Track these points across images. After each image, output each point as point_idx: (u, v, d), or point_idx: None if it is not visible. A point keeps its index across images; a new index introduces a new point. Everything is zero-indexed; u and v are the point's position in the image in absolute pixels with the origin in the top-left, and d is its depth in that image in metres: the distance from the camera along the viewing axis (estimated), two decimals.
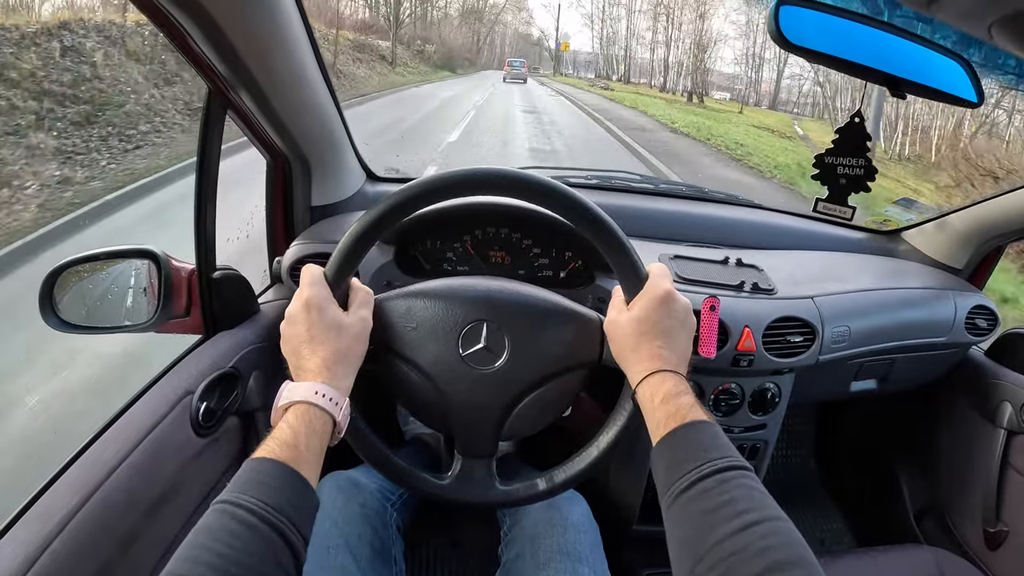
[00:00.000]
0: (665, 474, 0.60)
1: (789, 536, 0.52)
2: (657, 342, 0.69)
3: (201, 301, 0.95)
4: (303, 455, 0.59)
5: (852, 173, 0.87)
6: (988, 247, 1.36)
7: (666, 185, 1.57)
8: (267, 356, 1.00)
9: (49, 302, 0.85)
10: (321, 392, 0.64)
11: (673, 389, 0.65)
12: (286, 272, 1.04)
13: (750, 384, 1.12)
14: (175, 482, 0.81)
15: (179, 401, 0.84)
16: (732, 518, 0.52)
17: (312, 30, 0.91)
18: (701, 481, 0.56)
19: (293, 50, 0.88)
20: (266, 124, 0.97)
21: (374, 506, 0.93)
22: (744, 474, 0.57)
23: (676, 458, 0.60)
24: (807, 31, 0.74)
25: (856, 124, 0.85)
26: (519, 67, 29.62)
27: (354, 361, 0.70)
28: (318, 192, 1.16)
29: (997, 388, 1.30)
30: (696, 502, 0.56)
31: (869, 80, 0.78)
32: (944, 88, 0.80)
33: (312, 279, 0.71)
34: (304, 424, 0.62)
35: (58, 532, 0.65)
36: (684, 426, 0.62)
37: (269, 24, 0.81)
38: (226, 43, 0.77)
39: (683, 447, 0.61)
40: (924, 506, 1.47)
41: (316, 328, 0.68)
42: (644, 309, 0.70)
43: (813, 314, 1.11)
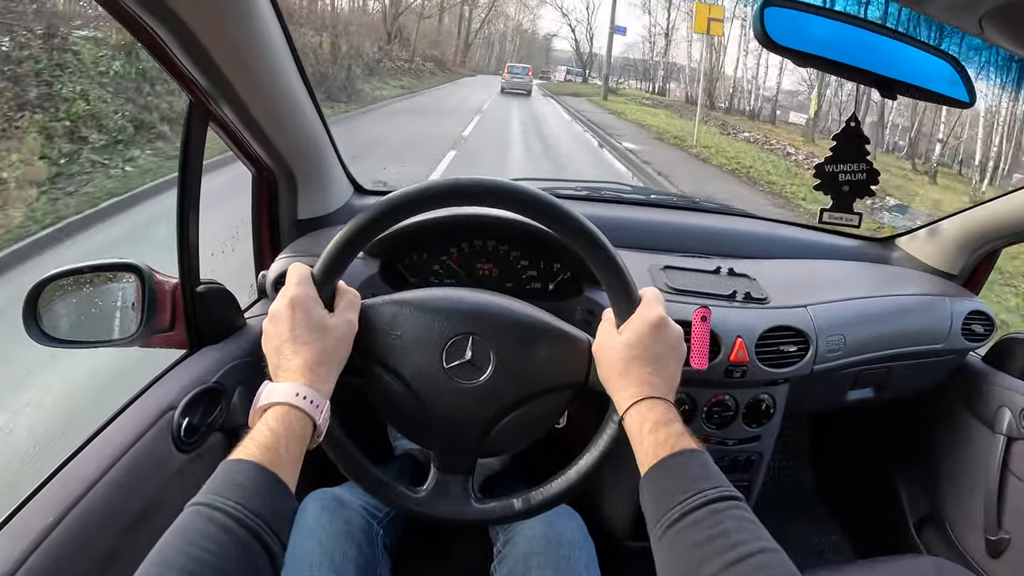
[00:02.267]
0: (655, 505, 0.59)
1: (783, 568, 0.51)
2: (647, 368, 0.67)
3: (185, 315, 0.93)
4: (282, 458, 0.58)
5: (855, 179, 0.86)
6: (983, 252, 1.35)
7: (657, 196, 1.57)
8: (253, 371, 0.98)
9: (33, 315, 0.84)
10: (302, 394, 0.62)
11: (662, 417, 0.64)
12: (271, 286, 1.03)
13: (744, 395, 1.10)
14: (156, 499, 0.79)
15: (160, 416, 0.83)
16: (725, 551, 0.52)
17: (292, 40, 0.90)
18: (692, 512, 0.56)
19: (273, 60, 0.87)
20: (249, 136, 0.96)
21: (359, 523, 0.91)
22: (736, 504, 0.56)
23: (666, 488, 0.59)
24: (793, 32, 0.73)
25: (852, 129, 0.84)
26: (521, 74, 23.24)
27: (337, 364, 0.69)
28: (304, 205, 1.14)
29: (995, 394, 1.29)
30: (687, 534, 0.55)
31: (859, 81, 0.77)
32: (936, 88, 0.79)
33: (299, 278, 0.69)
34: (284, 426, 0.60)
35: (34, 548, 0.64)
36: (673, 455, 0.61)
37: (246, 33, 0.80)
38: (204, 54, 0.76)
39: (673, 477, 0.60)
40: (924, 515, 1.45)
41: (300, 328, 0.66)
42: (635, 334, 0.69)
43: (807, 323, 1.10)
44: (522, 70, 23.73)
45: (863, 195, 0.87)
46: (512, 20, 35.26)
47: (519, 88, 22.57)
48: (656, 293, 0.73)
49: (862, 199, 0.87)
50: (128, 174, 5.14)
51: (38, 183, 4.20)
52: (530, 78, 23.50)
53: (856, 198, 0.87)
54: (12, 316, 0.85)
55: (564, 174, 9.10)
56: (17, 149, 4.28)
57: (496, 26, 34.81)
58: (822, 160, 0.87)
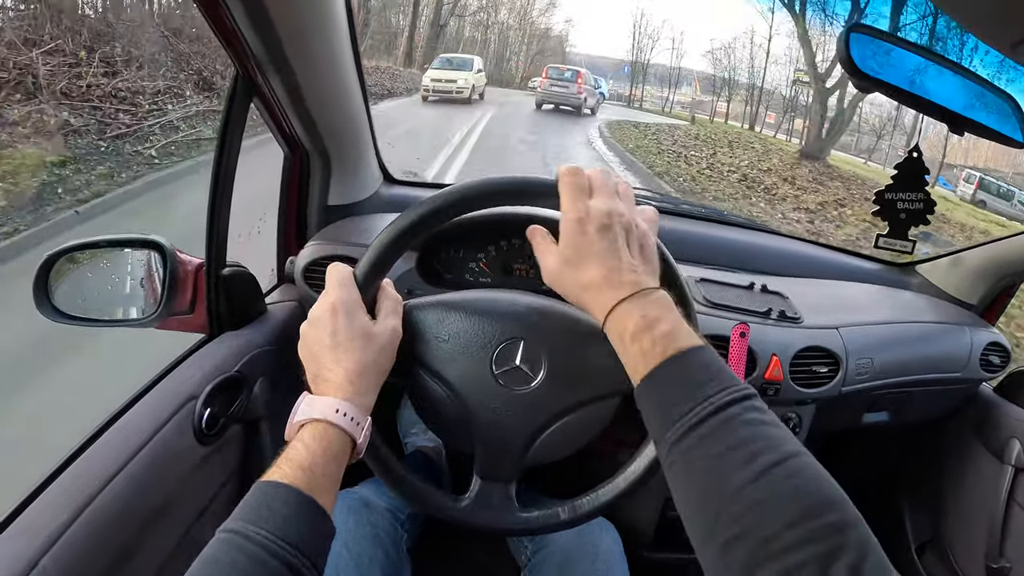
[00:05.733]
0: (656, 424, 0.53)
1: (816, 473, 0.46)
2: (598, 272, 0.57)
3: (208, 298, 0.89)
4: (319, 480, 0.54)
5: (912, 207, 0.86)
6: (1003, 284, 1.36)
7: (687, 206, 1.55)
8: (274, 360, 0.95)
9: (44, 290, 0.80)
10: (342, 410, 0.58)
11: (640, 321, 0.54)
12: (300, 273, 0.99)
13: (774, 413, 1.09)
14: (176, 494, 0.76)
15: (183, 406, 0.79)
16: (747, 462, 0.46)
17: (355, 20, 0.86)
18: (700, 426, 0.49)
19: (333, 37, 0.84)
20: (291, 113, 0.93)
21: (385, 527, 0.89)
22: (748, 406, 0.49)
23: (664, 402, 0.52)
24: (876, 60, 0.73)
25: (914, 159, 0.84)
26: (567, 81, 15.44)
27: (379, 374, 0.64)
28: (336, 190, 1.11)
29: (1006, 424, 1.29)
30: (698, 451, 0.49)
31: (931, 116, 0.77)
32: (995, 126, 0.80)
33: (341, 280, 0.64)
34: (321, 446, 0.56)
35: (47, 548, 0.60)
36: (664, 363, 0.52)
37: (315, 7, 0.77)
38: (268, 22, 0.72)
39: (668, 389, 0.52)
40: (926, 539, 1.46)
41: (342, 335, 0.61)
42: (564, 244, 0.60)
43: (838, 345, 1.10)
44: (569, 75, 15.65)
45: (919, 223, 0.88)
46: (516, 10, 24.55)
47: (563, 101, 15.45)
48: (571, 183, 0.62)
49: (917, 227, 0.87)
50: None
51: None
52: (579, 88, 15.26)
53: (912, 226, 0.87)
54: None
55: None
56: None
57: (493, 15, 23.86)
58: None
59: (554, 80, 15.63)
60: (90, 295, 0.87)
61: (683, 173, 11.01)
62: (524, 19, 24.65)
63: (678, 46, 24.26)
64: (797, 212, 9.71)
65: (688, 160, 12.10)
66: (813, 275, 1.39)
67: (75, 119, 4.93)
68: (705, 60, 23.87)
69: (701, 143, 14.01)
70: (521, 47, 24.40)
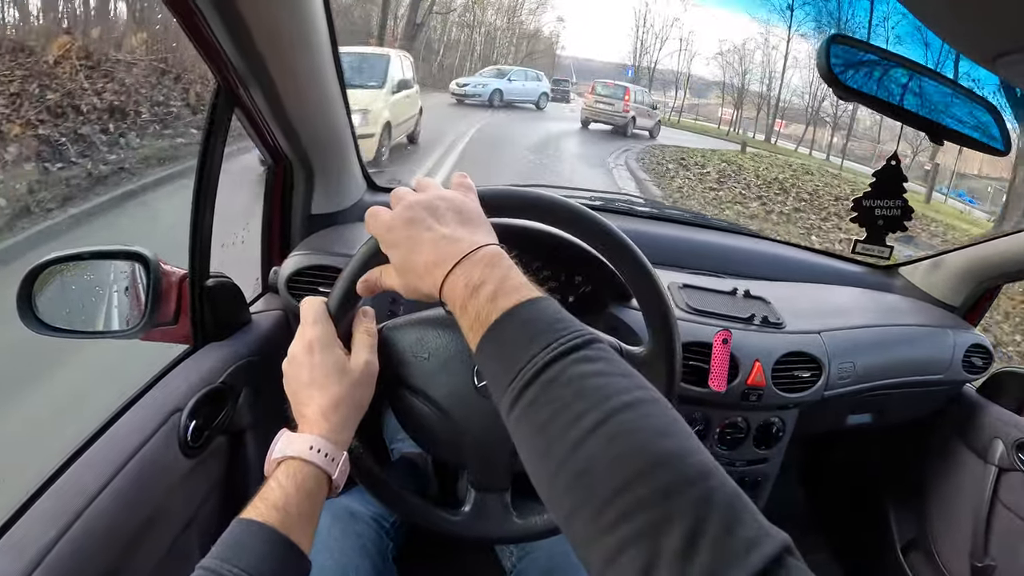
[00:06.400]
0: (495, 393, 0.49)
1: (647, 428, 0.41)
2: (423, 260, 0.55)
3: (192, 309, 0.89)
4: (293, 518, 0.55)
5: (890, 214, 0.87)
6: (985, 286, 1.38)
7: (670, 210, 1.56)
8: (258, 371, 0.95)
9: (28, 302, 0.80)
10: (317, 447, 0.59)
11: (464, 290, 0.51)
12: (283, 283, 0.99)
13: (756, 418, 1.10)
14: (162, 507, 0.76)
15: (168, 418, 0.79)
16: (568, 428, 0.42)
17: (335, 30, 0.87)
18: (524, 393, 0.45)
19: (313, 48, 0.85)
20: (273, 124, 0.93)
21: (371, 537, 0.89)
22: (575, 358, 0.45)
23: (492, 375, 0.49)
24: (855, 70, 0.74)
25: (893, 167, 0.85)
26: (614, 97, 13.93)
27: (356, 409, 0.64)
28: (319, 199, 1.11)
29: (989, 425, 1.31)
30: (525, 422, 0.45)
31: (910, 124, 0.78)
32: (978, 136, 0.81)
33: (315, 316, 0.65)
34: (295, 484, 0.57)
35: (35, 566, 0.59)
36: (488, 332, 0.49)
37: (294, 18, 0.77)
38: (246, 35, 0.73)
39: (495, 357, 0.49)
40: (911, 539, 1.47)
41: (317, 371, 0.63)
42: (390, 255, 0.59)
43: (821, 349, 1.11)
44: (616, 92, 13.97)
45: (896, 230, 0.89)
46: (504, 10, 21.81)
47: (609, 119, 13.74)
48: (368, 212, 0.61)
49: (894, 233, 0.88)
50: None
51: None
52: (625, 105, 13.57)
53: (889, 232, 0.88)
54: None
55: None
56: None
57: (479, 14, 20.95)
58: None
59: (600, 96, 14.08)
60: (74, 307, 0.87)
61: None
62: (512, 19, 22.07)
63: (688, 47, 21.51)
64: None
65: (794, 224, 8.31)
66: (797, 279, 1.40)
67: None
68: (714, 64, 21.23)
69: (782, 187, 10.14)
70: (509, 48, 21.84)
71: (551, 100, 18.14)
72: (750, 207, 8.83)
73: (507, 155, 9.79)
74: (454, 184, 0.63)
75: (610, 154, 11.30)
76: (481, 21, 21.36)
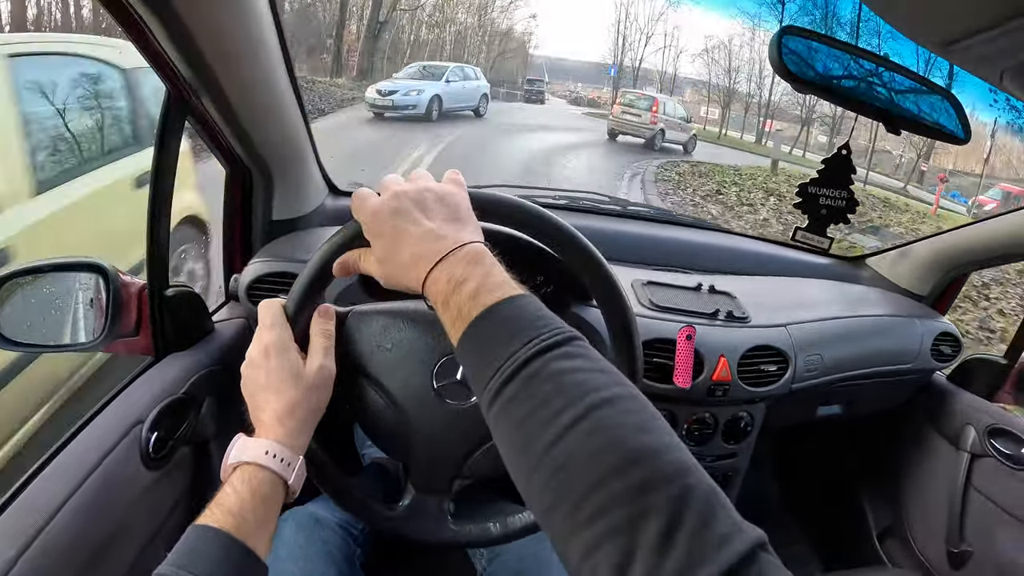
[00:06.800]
0: (475, 389, 0.50)
1: (624, 424, 0.42)
2: (408, 252, 0.56)
3: (152, 320, 0.89)
4: (248, 524, 0.55)
5: (834, 204, 0.87)
6: (952, 275, 1.39)
7: (634, 207, 1.56)
8: (222, 380, 0.94)
9: None
10: (272, 452, 0.59)
11: (446, 286, 0.52)
12: (244, 291, 0.99)
13: (724, 413, 1.11)
14: (124, 522, 0.75)
15: (128, 431, 0.78)
16: (547, 423, 0.42)
17: (285, 35, 0.87)
18: (504, 389, 0.46)
19: (263, 55, 0.84)
20: (228, 132, 0.92)
21: (337, 543, 0.88)
22: (555, 355, 0.46)
23: (473, 371, 0.50)
24: (808, 62, 0.74)
25: (843, 156, 0.85)
26: (644, 107, 13.07)
27: (312, 413, 0.65)
28: (279, 205, 1.10)
29: (960, 412, 1.32)
30: (505, 417, 0.46)
31: (864, 114, 0.78)
32: (934, 123, 0.81)
33: (272, 319, 0.66)
34: (249, 489, 0.57)
35: None
36: (469, 327, 0.50)
37: (240, 26, 0.76)
38: (192, 44, 0.72)
39: (476, 352, 0.49)
40: (887, 527, 1.48)
41: (273, 376, 0.63)
42: (374, 243, 0.59)
43: (787, 343, 1.11)
44: (643, 103, 13.17)
45: (839, 221, 0.89)
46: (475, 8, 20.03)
47: (635, 132, 12.83)
48: (356, 194, 0.61)
49: (837, 225, 0.88)
50: None
51: None
52: (653, 117, 12.68)
53: (831, 223, 0.88)
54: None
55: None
56: None
57: (448, 13, 19.33)
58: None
59: (625, 107, 13.28)
60: (35, 321, 0.86)
61: None
62: (484, 17, 20.47)
63: (674, 42, 20.78)
64: None
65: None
66: (764, 272, 1.41)
67: None
68: (699, 61, 20.15)
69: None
70: (481, 47, 20.32)
71: (527, 101, 17.58)
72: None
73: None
74: (446, 179, 0.63)
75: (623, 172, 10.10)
76: (451, 19, 19.98)
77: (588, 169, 10.30)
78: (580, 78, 21.35)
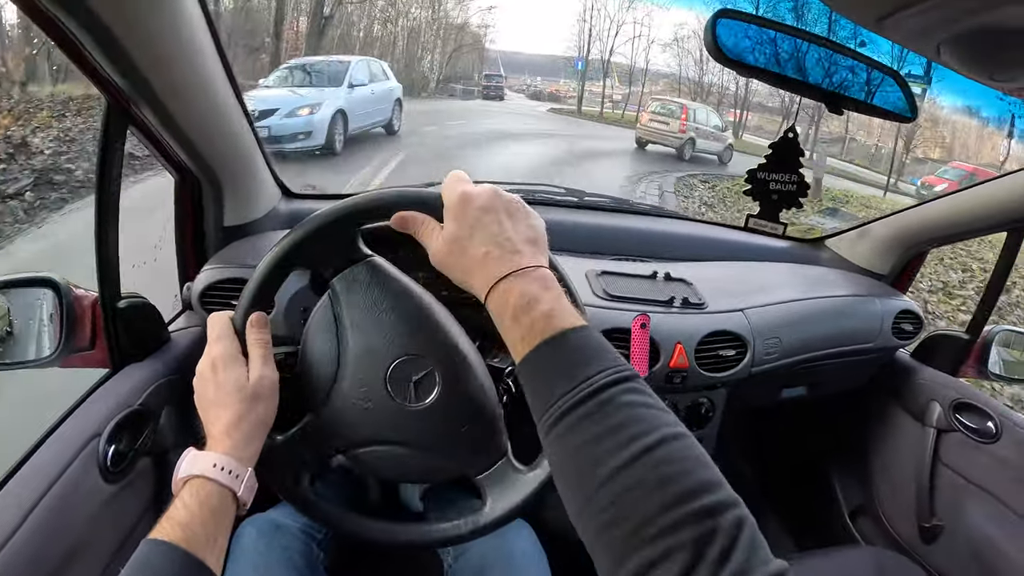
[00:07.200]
0: (535, 404, 0.53)
1: (692, 456, 0.46)
2: (480, 247, 0.58)
3: (106, 332, 0.88)
4: (198, 536, 0.56)
5: (784, 189, 0.87)
6: (911, 252, 1.41)
7: (591, 198, 1.55)
8: (179, 390, 0.94)
9: None
10: (220, 465, 0.61)
11: (520, 299, 0.54)
12: (196, 299, 0.99)
13: (683, 400, 1.11)
14: (84, 538, 0.75)
15: (85, 445, 0.78)
16: (621, 447, 0.46)
17: (220, 38, 0.86)
18: (577, 407, 0.49)
19: (198, 60, 0.83)
20: (171, 140, 0.91)
21: (299, 548, 0.88)
22: (627, 387, 0.49)
23: (542, 383, 0.52)
24: (745, 45, 0.74)
25: (790, 140, 0.85)
26: (668, 116, 11.95)
27: (258, 426, 0.66)
28: (231, 211, 1.09)
29: (924, 388, 1.34)
30: (574, 433, 0.48)
31: (806, 96, 0.78)
32: (880, 103, 0.81)
33: (220, 332, 0.68)
34: (198, 502, 0.59)
35: None
36: (543, 344, 0.52)
37: (170, 32, 0.75)
38: (122, 53, 0.71)
39: (546, 370, 0.52)
40: (858, 506, 1.50)
41: (220, 389, 0.65)
42: (452, 223, 0.61)
43: (744, 327, 1.12)
44: (672, 110, 12.11)
45: (791, 206, 0.89)
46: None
47: (663, 140, 11.94)
48: (453, 174, 0.65)
49: (789, 209, 0.89)
50: None
51: None
52: (682, 125, 11.74)
53: (783, 208, 0.88)
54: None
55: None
56: None
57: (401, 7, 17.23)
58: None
59: (653, 115, 12.28)
60: None
61: None
62: (437, 9, 18.38)
63: (642, 32, 18.07)
64: None
65: None
66: (722, 258, 1.41)
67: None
68: (668, 52, 17.79)
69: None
70: (435, 42, 18.49)
71: (485, 98, 16.14)
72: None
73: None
74: (457, 187, 0.64)
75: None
76: (403, 13, 17.80)
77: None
78: (536, 71, 20.24)
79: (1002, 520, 1.15)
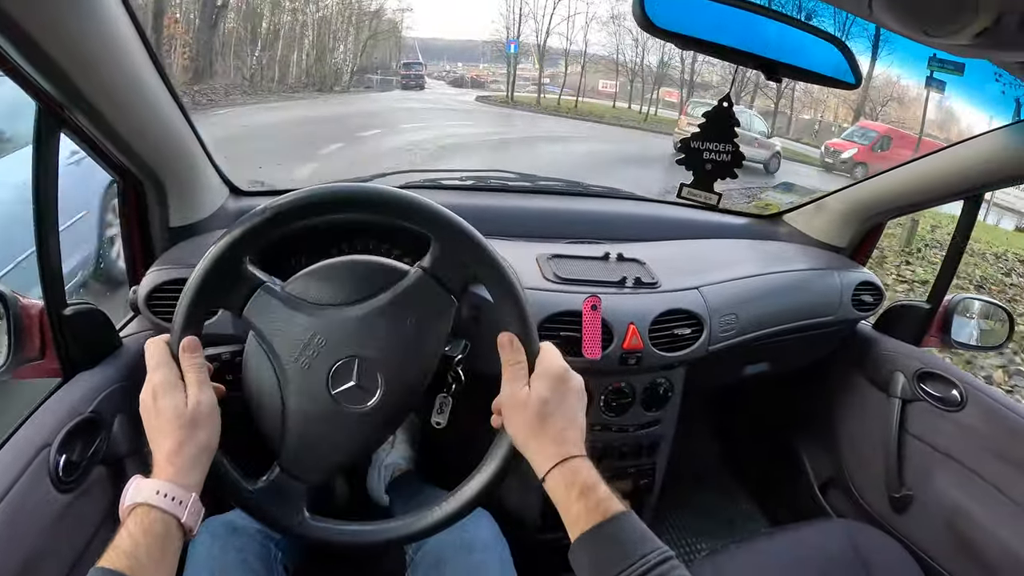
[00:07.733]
0: (595, 572, 0.61)
1: None
2: (561, 424, 0.68)
3: (55, 341, 0.88)
4: (142, 564, 0.58)
5: (719, 159, 0.86)
6: (868, 224, 1.41)
7: (544, 182, 1.54)
8: (131, 396, 0.92)
9: None
10: (163, 492, 0.62)
11: (588, 479, 0.65)
12: (143, 302, 0.98)
13: (641, 381, 1.11)
14: (39, 548, 0.74)
15: (36, 456, 0.77)
16: None
17: (147, 35, 0.84)
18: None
19: (125, 59, 0.82)
20: (107, 143, 0.90)
21: (255, 550, 0.89)
22: (675, 564, 0.59)
23: (602, 557, 0.61)
24: (675, 14, 0.72)
25: (724, 109, 0.84)
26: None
27: (200, 451, 0.67)
28: (176, 212, 1.08)
29: (888, 359, 1.35)
30: None
31: (743, 64, 0.77)
32: (822, 71, 0.80)
33: (157, 360, 0.69)
34: (142, 530, 0.60)
35: None
36: (606, 522, 0.62)
37: (92, 33, 0.74)
38: (45, 57, 0.70)
39: (608, 545, 0.61)
40: (827, 479, 1.51)
41: (160, 417, 0.66)
42: (547, 389, 0.70)
43: (699, 305, 1.12)
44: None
45: (725, 176, 0.87)
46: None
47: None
48: (552, 346, 0.74)
49: (723, 180, 0.88)
50: None
51: None
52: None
53: (718, 178, 0.87)
54: None
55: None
56: None
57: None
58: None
59: (691, 118, 10.47)
60: None
61: None
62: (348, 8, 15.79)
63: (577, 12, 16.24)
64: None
65: None
66: (679, 236, 1.41)
67: None
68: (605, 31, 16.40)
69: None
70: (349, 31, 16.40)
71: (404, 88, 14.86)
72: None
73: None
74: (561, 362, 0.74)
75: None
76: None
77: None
78: (456, 57, 18.85)
79: (971, 487, 1.16)
